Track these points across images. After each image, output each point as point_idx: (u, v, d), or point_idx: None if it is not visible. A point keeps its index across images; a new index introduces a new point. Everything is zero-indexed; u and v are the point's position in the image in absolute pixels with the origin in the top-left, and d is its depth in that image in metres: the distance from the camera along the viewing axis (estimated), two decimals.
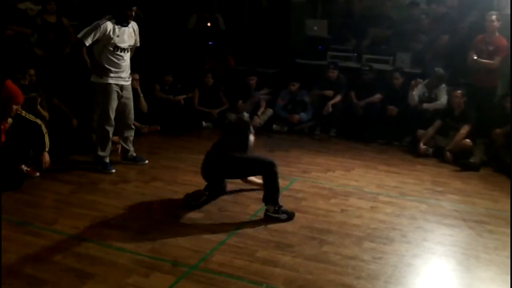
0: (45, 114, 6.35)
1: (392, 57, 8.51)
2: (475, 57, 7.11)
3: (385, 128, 7.76)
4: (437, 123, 7.11)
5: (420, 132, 7.23)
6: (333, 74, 8.17)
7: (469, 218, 4.90)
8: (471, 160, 6.54)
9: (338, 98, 8.11)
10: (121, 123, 6.05)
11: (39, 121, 5.53)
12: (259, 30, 9.50)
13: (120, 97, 5.85)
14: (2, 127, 5.19)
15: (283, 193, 4.93)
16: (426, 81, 7.56)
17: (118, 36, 5.66)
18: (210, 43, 9.49)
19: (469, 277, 3.78)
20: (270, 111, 8.41)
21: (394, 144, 7.62)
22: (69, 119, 6.85)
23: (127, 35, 5.79)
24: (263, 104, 8.41)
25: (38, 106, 6.22)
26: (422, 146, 7.04)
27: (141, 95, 7.48)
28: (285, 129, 8.33)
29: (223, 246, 4.09)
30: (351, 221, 4.69)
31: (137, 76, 7.38)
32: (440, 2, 8.28)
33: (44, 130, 5.50)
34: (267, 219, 4.60)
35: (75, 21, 8.24)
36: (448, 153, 6.80)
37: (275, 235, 4.30)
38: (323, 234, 4.38)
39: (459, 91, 6.98)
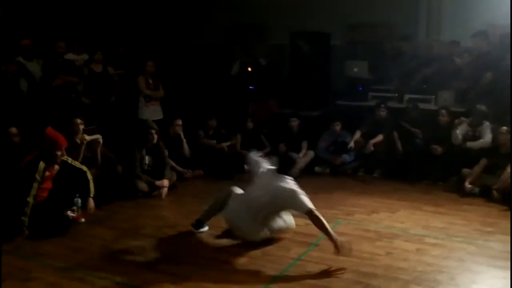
0: (111, 155, 6.73)
1: (433, 96, 8.45)
2: None
3: (430, 168, 7.63)
4: (483, 161, 6.94)
5: (465, 171, 7.07)
6: (383, 113, 8.16)
7: None
8: None
9: (380, 137, 8.05)
10: None
11: (84, 168, 5.69)
12: (301, 74, 9.61)
13: None
14: (49, 174, 5.35)
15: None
16: (469, 119, 7.43)
17: None
18: (251, 87, 9.64)
19: None
20: (311, 154, 8.37)
21: (439, 184, 7.46)
22: (114, 166, 6.95)
23: None
24: (305, 146, 8.39)
25: (99, 149, 6.44)
26: (467, 185, 6.87)
27: (184, 140, 7.60)
28: (327, 171, 8.28)
29: None
30: (397, 264, 4.58)
31: (179, 122, 7.52)
32: (483, 38, 8.18)
33: (89, 176, 5.66)
34: None
35: (120, 69, 8.52)
36: (495, 192, 6.60)
37: (319, 280, 4.24)
38: (369, 278, 4.29)
39: (504, 128, 6.83)
